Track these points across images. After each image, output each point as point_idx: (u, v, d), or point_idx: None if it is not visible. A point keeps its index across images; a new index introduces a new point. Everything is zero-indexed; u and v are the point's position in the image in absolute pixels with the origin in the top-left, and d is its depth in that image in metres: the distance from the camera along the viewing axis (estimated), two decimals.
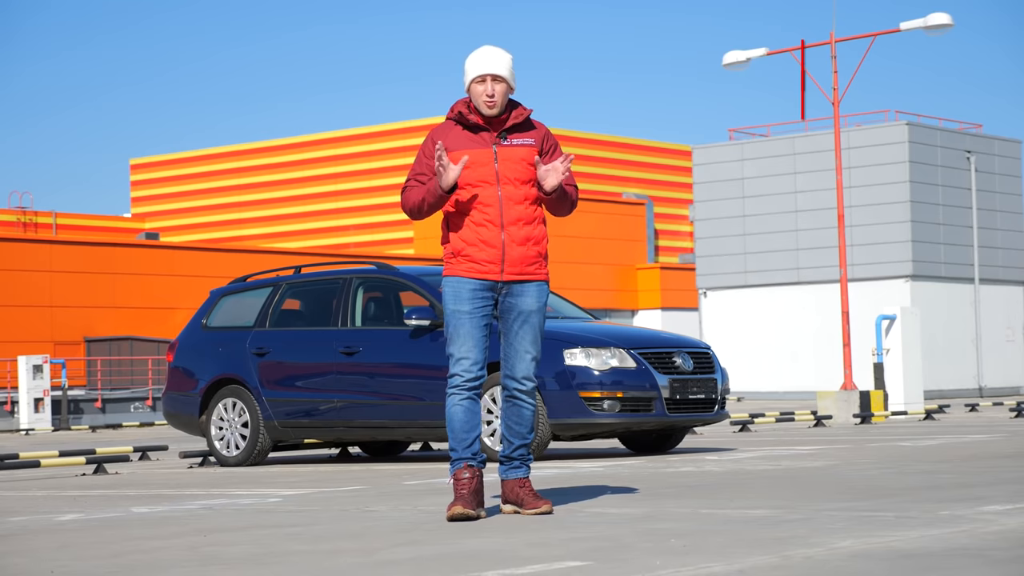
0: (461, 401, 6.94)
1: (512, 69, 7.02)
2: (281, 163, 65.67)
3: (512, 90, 7.04)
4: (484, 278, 6.96)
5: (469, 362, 6.92)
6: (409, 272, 12.74)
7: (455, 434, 6.95)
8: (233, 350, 13.19)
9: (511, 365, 7.03)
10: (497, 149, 6.99)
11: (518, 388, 7.03)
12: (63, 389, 33.76)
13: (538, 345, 7.05)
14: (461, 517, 6.72)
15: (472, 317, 6.93)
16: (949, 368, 43.09)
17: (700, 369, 12.32)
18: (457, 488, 6.88)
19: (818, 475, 9.01)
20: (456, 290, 6.97)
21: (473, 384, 6.94)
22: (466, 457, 6.92)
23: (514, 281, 7.00)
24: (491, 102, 6.96)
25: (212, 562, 5.63)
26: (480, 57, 7.00)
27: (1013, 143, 47.06)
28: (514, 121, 7.03)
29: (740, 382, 44.17)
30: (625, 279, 61.14)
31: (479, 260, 6.95)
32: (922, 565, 4.75)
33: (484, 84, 6.96)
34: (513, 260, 6.96)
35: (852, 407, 21.23)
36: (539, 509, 6.87)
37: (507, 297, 7.01)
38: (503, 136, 7.01)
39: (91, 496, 9.59)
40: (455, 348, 6.95)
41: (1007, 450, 11.30)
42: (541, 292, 7.05)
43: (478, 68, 6.97)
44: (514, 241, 6.95)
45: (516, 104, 7.10)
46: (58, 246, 46.27)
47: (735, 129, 46.75)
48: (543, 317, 7.08)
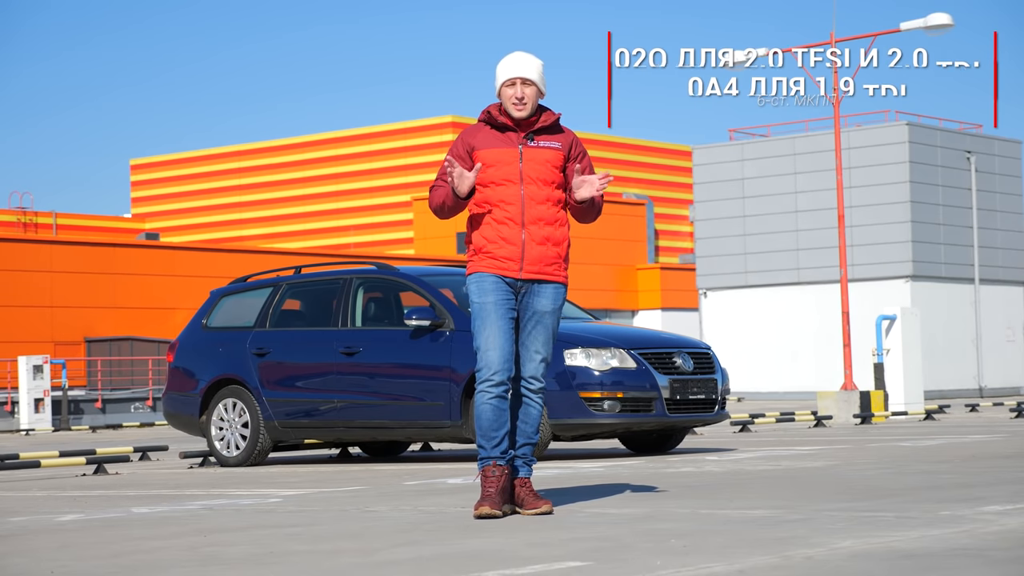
0: (490, 400, 7.00)
1: (543, 75, 7.13)
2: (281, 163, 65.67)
3: (542, 95, 7.15)
4: (504, 274, 7.04)
5: (496, 354, 6.97)
6: (409, 272, 12.74)
7: (484, 432, 7.02)
8: (233, 350, 13.19)
9: (521, 364, 7.09)
10: (523, 149, 7.09)
11: (527, 387, 7.08)
12: (63, 389, 33.75)
13: (549, 347, 7.12)
14: (488, 516, 6.81)
15: (497, 307, 7.01)
16: (949, 368, 43.09)
17: (700, 369, 12.32)
18: (485, 485, 6.96)
19: (818, 475, 9.01)
20: (480, 284, 7.06)
21: (502, 380, 6.99)
22: (495, 455, 7.00)
23: (532, 280, 7.07)
24: (520, 105, 7.06)
25: (212, 562, 5.64)
26: (511, 61, 7.12)
27: (1013, 143, 47.05)
28: (542, 124, 7.14)
29: (740, 382, 44.16)
30: (625, 279, 61.15)
31: (499, 257, 7.04)
32: (922, 565, 4.75)
33: (514, 87, 7.08)
34: (532, 259, 7.04)
35: (852, 407, 21.23)
36: (539, 509, 6.91)
37: (524, 297, 7.09)
38: (530, 137, 7.12)
39: (91, 496, 9.58)
40: (482, 339, 7.01)
41: (1007, 450, 11.29)
42: (558, 294, 7.12)
43: (509, 72, 7.09)
44: (534, 240, 7.04)
45: (545, 108, 7.20)
46: (58, 246, 46.26)
47: (735, 129, 46.77)
48: (557, 320, 7.16)
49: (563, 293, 7.15)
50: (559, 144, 7.14)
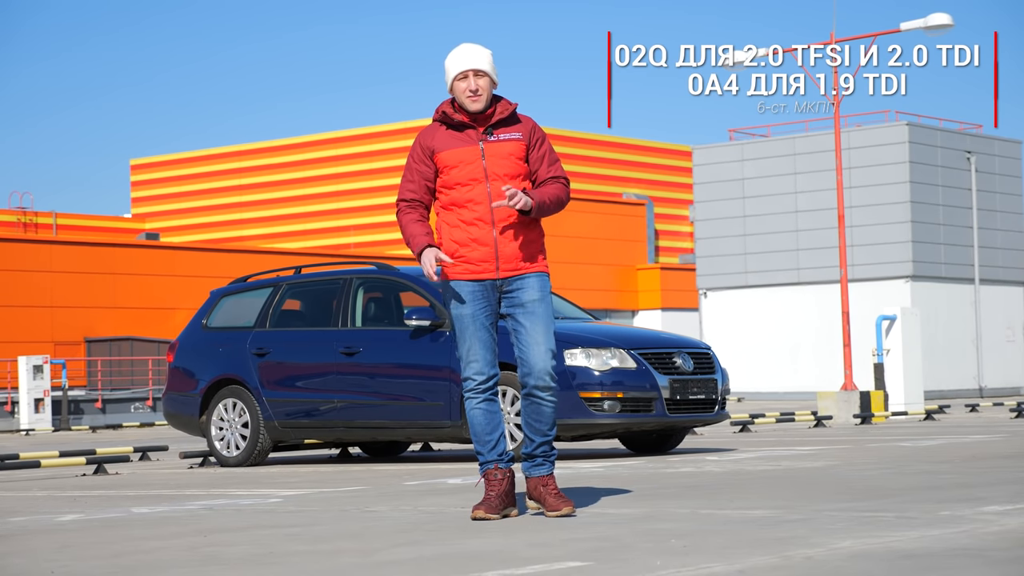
0: (478, 404, 6.95)
1: (493, 64, 6.95)
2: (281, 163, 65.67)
3: (495, 85, 6.96)
4: (481, 278, 6.91)
5: (479, 364, 6.92)
6: (409, 272, 12.74)
7: (478, 437, 6.97)
8: (233, 350, 13.19)
9: (527, 361, 6.90)
10: (484, 145, 6.91)
11: (536, 385, 6.89)
12: (63, 389, 33.75)
13: (551, 338, 6.91)
14: (483, 519, 6.77)
15: (475, 319, 6.90)
16: (949, 368, 43.08)
17: (700, 369, 12.32)
18: (487, 489, 6.91)
19: (818, 475, 9.01)
20: (455, 293, 6.95)
21: (487, 386, 6.94)
22: (493, 459, 6.95)
23: (512, 277, 6.93)
24: (475, 97, 6.87)
25: (212, 562, 5.63)
26: (460, 54, 6.93)
27: (1013, 143, 47.05)
28: (499, 116, 6.94)
29: (740, 382, 44.16)
30: (625, 279, 61.14)
31: (473, 260, 6.90)
32: (922, 565, 4.75)
33: (467, 80, 6.89)
34: (507, 256, 6.90)
35: (852, 407, 21.22)
36: (560, 512, 6.78)
37: (508, 293, 6.94)
38: (489, 132, 6.93)
39: (91, 496, 9.58)
40: (463, 351, 6.96)
41: (1007, 450, 11.29)
42: (543, 283, 6.96)
43: (460, 65, 6.90)
44: (506, 238, 6.89)
45: (500, 99, 7.00)
46: (58, 246, 46.27)
47: (735, 129, 46.77)
48: (550, 309, 6.96)
49: (547, 281, 6.99)
50: (519, 134, 6.96)
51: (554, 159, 7.05)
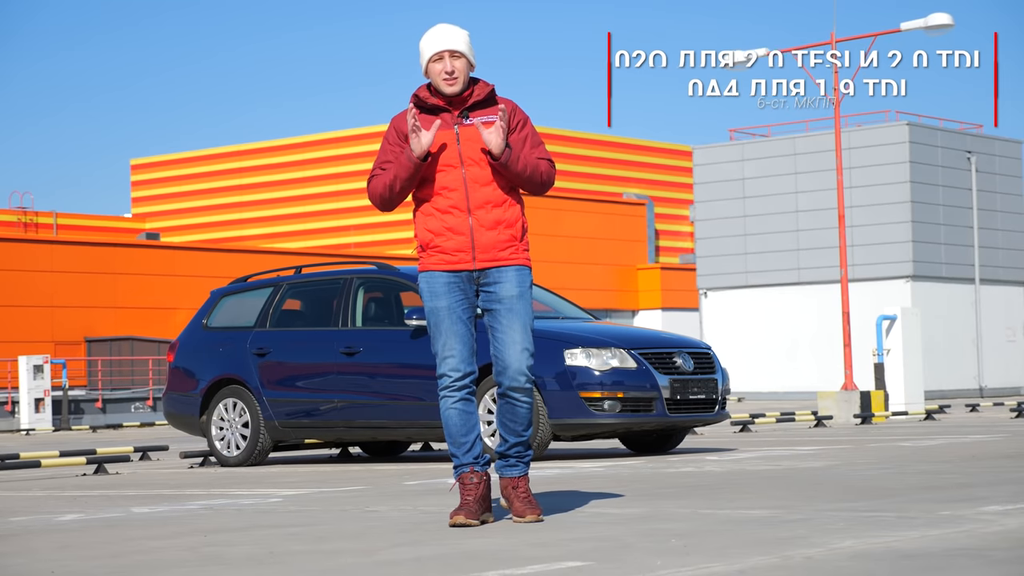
0: (454, 404, 6.58)
1: (470, 44, 6.60)
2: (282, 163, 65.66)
3: (472, 67, 6.62)
4: (457, 268, 6.57)
5: (455, 360, 6.54)
6: (410, 272, 12.75)
7: (453, 439, 6.61)
8: (234, 350, 13.20)
9: (502, 360, 6.56)
10: (459, 129, 6.56)
11: (511, 386, 6.55)
12: (64, 389, 33.76)
13: (528, 336, 6.56)
14: (463, 525, 6.45)
15: (451, 312, 6.55)
16: (949, 368, 43.09)
17: (701, 369, 12.32)
18: (463, 494, 6.56)
19: (818, 475, 9.01)
20: (430, 285, 6.59)
21: (463, 383, 6.58)
22: (468, 462, 6.58)
23: (489, 268, 6.58)
24: (451, 79, 6.55)
25: (212, 562, 5.63)
26: (435, 35, 6.61)
27: (1013, 143, 47.06)
28: (476, 98, 6.60)
29: (741, 382, 44.16)
30: (625, 279, 61.15)
31: (448, 250, 6.56)
32: (922, 565, 4.75)
33: (442, 61, 6.55)
34: (484, 246, 6.55)
35: (853, 407, 21.22)
36: (525, 519, 6.50)
37: (485, 287, 6.59)
38: (464, 115, 6.59)
39: (91, 496, 9.58)
40: (438, 346, 6.58)
41: (1008, 450, 11.29)
42: (522, 277, 6.59)
43: (434, 46, 6.57)
44: (483, 225, 6.54)
45: (477, 80, 6.67)
46: (59, 246, 46.28)
47: (735, 129, 46.78)
48: (529, 305, 6.58)
49: (527, 275, 6.60)
50: (496, 117, 6.55)
51: (537, 141, 6.68)
